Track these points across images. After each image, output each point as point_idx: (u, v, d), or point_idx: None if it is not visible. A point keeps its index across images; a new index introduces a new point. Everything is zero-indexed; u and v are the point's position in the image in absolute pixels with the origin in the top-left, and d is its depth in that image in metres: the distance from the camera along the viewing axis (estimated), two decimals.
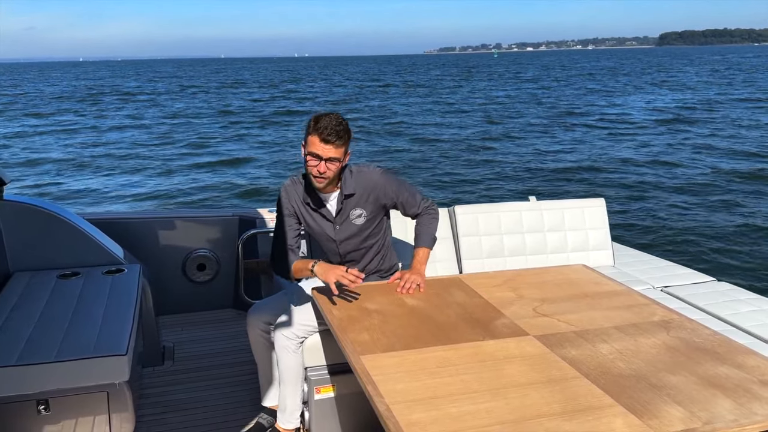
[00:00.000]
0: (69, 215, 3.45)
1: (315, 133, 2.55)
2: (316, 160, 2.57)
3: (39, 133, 24.16)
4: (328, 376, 2.72)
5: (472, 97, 38.27)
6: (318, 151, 2.55)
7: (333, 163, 2.58)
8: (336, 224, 2.77)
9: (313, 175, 2.61)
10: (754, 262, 8.06)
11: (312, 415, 2.73)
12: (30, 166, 16.73)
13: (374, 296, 2.56)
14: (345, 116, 2.71)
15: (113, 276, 3.20)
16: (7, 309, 2.75)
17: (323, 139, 2.53)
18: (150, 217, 4.19)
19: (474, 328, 2.24)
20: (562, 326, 2.27)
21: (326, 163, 2.56)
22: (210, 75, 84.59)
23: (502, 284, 2.73)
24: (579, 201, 3.90)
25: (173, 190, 13.61)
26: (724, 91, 37.20)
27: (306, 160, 2.60)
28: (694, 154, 16.34)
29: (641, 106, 29.57)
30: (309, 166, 2.59)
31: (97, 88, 55.23)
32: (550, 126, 23.40)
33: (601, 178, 13.71)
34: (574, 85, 47.70)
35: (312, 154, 2.57)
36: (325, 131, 2.53)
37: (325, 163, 2.57)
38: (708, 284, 3.57)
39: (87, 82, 67.75)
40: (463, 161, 16.41)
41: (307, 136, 2.59)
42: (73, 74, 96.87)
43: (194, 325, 4.07)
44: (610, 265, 3.82)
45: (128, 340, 2.44)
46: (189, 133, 23.56)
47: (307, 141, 2.59)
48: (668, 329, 2.26)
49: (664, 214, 10.44)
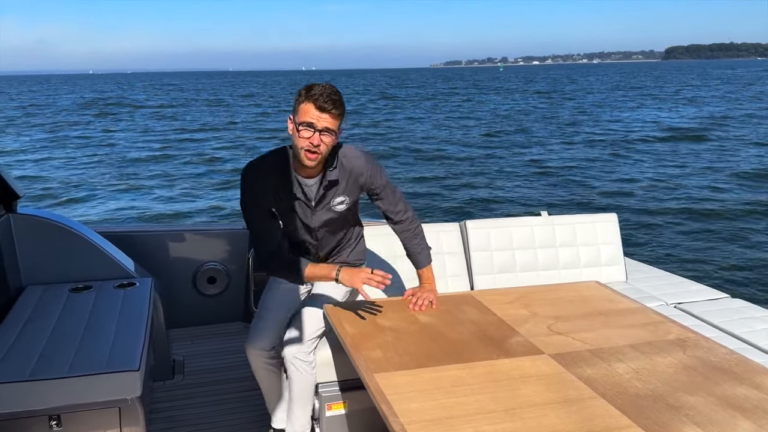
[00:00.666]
0: (81, 228, 3.46)
1: (309, 100, 2.29)
2: (309, 131, 2.29)
3: (51, 146, 24.37)
4: (340, 392, 2.70)
5: (480, 110, 38.35)
6: (312, 119, 2.29)
7: (328, 135, 2.32)
8: (315, 211, 2.53)
9: (305, 149, 2.32)
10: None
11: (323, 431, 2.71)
12: (43, 180, 16.85)
13: (387, 313, 2.55)
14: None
15: (125, 289, 3.20)
16: (20, 323, 2.76)
17: (319, 107, 2.28)
18: (161, 230, 4.20)
19: (488, 346, 2.23)
20: (577, 345, 2.25)
21: (320, 134, 2.30)
22: (222, 87, 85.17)
23: (515, 301, 2.72)
24: (591, 216, 3.88)
25: (182, 205, 13.68)
26: (740, 106, 37.02)
27: (297, 132, 2.32)
28: (707, 169, 16.25)
29: (654, 121, 29.50)
30: (301, 138, 2.31)
31: (109, 99, 55.71)
32: (560, 140, 23.37)
33: (613, 192, 13.66)
34: (588, 99, 47.68)
35: (305, 124, 2.29)
36: (321, 98, 2.28)
37: (320, 135, 2.30)
38: (722, 301, 3.54)
39: (97, 94, 68.34)
40: (473, 175, 16.40)
41: (298, 105, 2.33)
42: (83, 86, 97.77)
43: (204, 339, 4.07)
44: (623, 280, 3.79)
45: (140, 355, 2.43)
46: (197, 147, 23.69)
47: (299, 110, 2.32)
48: (684, 348, 2.24)
49: (676, 229, 10.38)
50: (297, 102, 2.35)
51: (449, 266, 3.51)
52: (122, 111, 42.44)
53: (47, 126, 32.50)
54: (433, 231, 3.52)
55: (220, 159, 20.42)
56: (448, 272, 3.51)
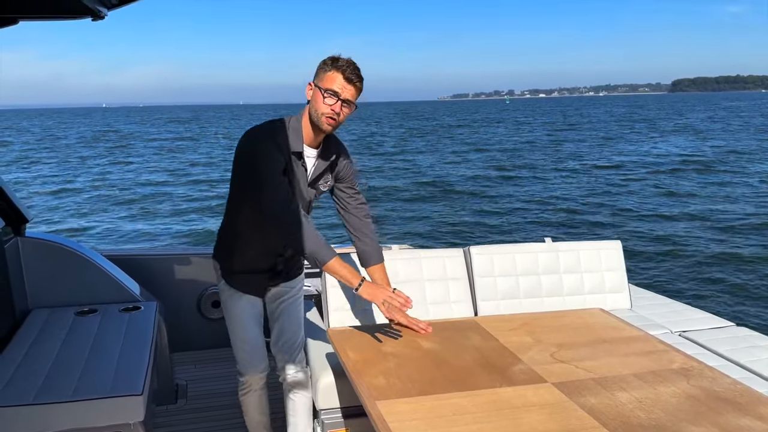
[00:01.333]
0: (88, 252, 3.49)
1: (337, 70, 2.34)
2: (333, 99, 2.34)
3: (62, 173, 24.58)
4: (342, 419, 2.69)
5: (488, 142, 38.49)
6: (338, 89, 2.34)
7: (348, 106, 2.38)
8: (309, 183, 2.54)
9: (325, 116, 2.36)
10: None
11: None
12: (51, 205, 16.95)
13: (390, 338, 2.55)
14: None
15: (130, 313, 3.22)
16: (25, 346, 2.77)
17: (346, 78, 2.34)
18: (165, 254, 4.22)
19: (490, 373, 2.22)
20: (581, 373, 2.24)
21: (342, 104, 2.35)
22: (230, 121, 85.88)
23: (518, 328, 2.71)
24: (595, 243, 3.88)
25: (188, 230, 13.73)
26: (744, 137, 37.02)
27: (322, 98, 2.35)
28: (711, 198, 16.23)
29: (658, 151, 29.54)
30: (324, 104, 2.34)
31: (120, 132, 56.21)
32: (564, 169, 23.42)
33: (617, 220, 13.64)
34: (594, 131, 47.83)
35: (331, 92, 2.33)
36: (348, 69, 2.34)
37: (341, 105, 2.35)
38: (727, 329, 3.52)
39: (108, 127, 68.97)
40: (478, 201, 16.42)
41: (324, 73, 2.36)
42: (95, 119, 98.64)
43: (207, 363, 4.07)
44: (628, 308, 3.78)
45: (144, 379, 2.44)
46: (203, 173, 23.84)
47: (324, 77, 2.35)
48: (688, 377, 2.23)
49: (680, 256, 10.34)
50: (322, 70, 2.38)
51: (453, 292, 3.51)
52: (132, 143, 42.84)
53: (58, 156, 32.82)
54: (437, 256, 3.53)
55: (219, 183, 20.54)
56: (452, 298, 3.52)
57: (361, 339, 2.53)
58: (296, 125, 2.45)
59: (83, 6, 2.23)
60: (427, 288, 3.45)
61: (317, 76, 2.40)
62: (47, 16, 2.59)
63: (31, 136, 52.80)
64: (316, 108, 2.37)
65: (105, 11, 2.44)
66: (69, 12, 2.43)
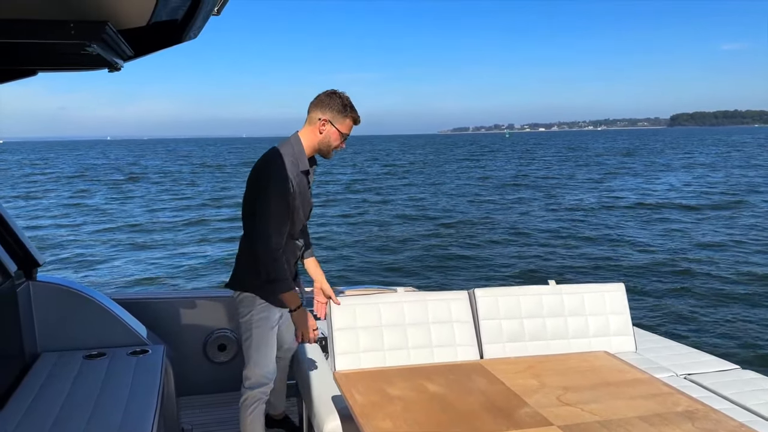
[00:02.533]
0: (97, 295, 3.53)
1: (353, 119, 2.93)
2: (343, 140, 2.95)
3: (67, 212, 24.78)
4: None
5: (486, 177, 38.77)
6: (348, 132, 2.95)
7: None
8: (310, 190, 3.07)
9: (335, 149, 2.96)
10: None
11: None
12: (59, 247, 17.06)
13: (396, 382, 2.57)
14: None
15: (138, 357, 3.24)
16: (34, 390, 2.79)
17: (356, 123, 2.95)
18: (173, 297, 4.25)
19: (496, 417, 2.24)
20: (586, 416, 2.25)
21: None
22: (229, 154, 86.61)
23: (524, 371, 2.73)
24: (599, 285, 3.91)
25: (193, 267, 13.78)
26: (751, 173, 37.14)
27: (336, 138, 2.92)
28: (715, 238, 16.23)
29: (664, 189, 29.69)
30: (337, 143, 2.93)
31: (128, 167, 56.79)
32: (564, 207, 23.50)
33: (620, 262, 13.63)
34: (597, 167, 48.08)
35: (345, 135, 2.94)
36: (358, 117, 2.95)
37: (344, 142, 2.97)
38: (732, 372, 3.52)
39: (112, 161, 69.61)
40: (482, 242, 16.46)
41: (343, 119, 2.91)
42: (99, 152, 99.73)
43: (213, 407, 4.06)
44: (633, 350, 3.79)
45: (152, 425, 2.45)
46: (209, 213, 24.01)
47: (343, 122, 2.91)
48: (693, 420, 2.24)
49: (685, 299, 10.32)
50: (341, 114, 2.91)
51: (458, 334, 3.53)
52: (138, 177, 43.25)
53: (63, 192, 33.12)
54: (442, 299, 3.56)
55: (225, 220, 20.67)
56: (457, 340, 3.53)
57: (367, 382, 2.55)
58: (299, 148, 2.92)
59: (101, 59, 2.33)
60: (432, 330, 3.48)
61: (335, 118, 2.90)
62: (65, 68, 2.69)
63: (38, 169, 53.18)
64: (329, 143, 2.94)
65: (121, 63, 2.54)
66: (88, 64, 2.53)
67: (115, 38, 2.02)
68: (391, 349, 3.38)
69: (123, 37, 2.14)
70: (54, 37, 1.85)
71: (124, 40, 2.15)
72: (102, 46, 2.04)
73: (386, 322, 3.43)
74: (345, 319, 3.35)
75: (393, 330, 3.43)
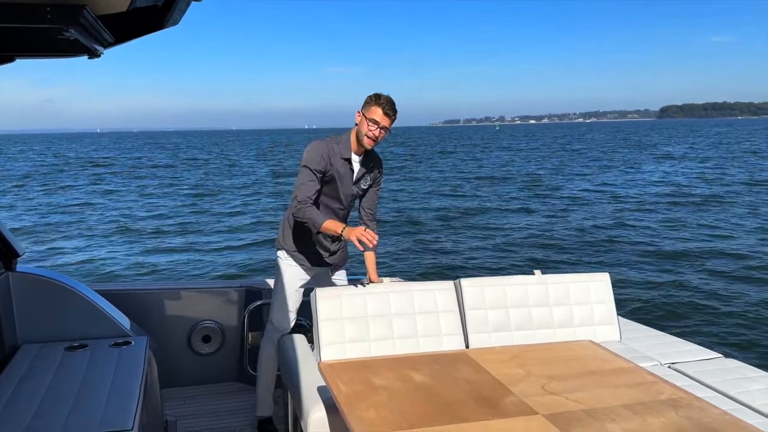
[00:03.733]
0: (79, 287, 3.48)
1: (378, 105, 3.27)
2: (374, 126, 3.27)
3: (52, 203, 24.52)
4: None
5: (473, 168, 38.84)
6: (378, 118, 3.26)
7: (384, 131, 3.30)
8: (354, 183, 3.47)
9: (368, 137, 3.29)
10: (762, 338, 7.97)
11: None
12: (41, 237, 16.87)
13: (381, 371, 2.56)
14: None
15: (120, 348, 3.20)
16: (14, 382, 2.75)
17: (385, 112, 3.26)
18: (157, 288, 4.21)
19: (482, 406, 2.24)
20: (571, 405, 2.26)
21: (380, 129, 3.28)
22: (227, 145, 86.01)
23: (509, 360, 2.73)
24: (583, 275, 3.92)
25: (180, 262, 13.69)
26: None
27: (364, 125, 3.28)
28: (701, 227, 16.36)
29: (646, 179, 29.88)
30: (367, 129, 3.28)
31: (114, 159, 56.15)
32: (550, 199, 23.60)
33: (605, 252, 13.71)
34: (579, 159, 48.26)
35: (372, 120, 3.27)
36: (386, 105, 3.27)
37: (379, 129, 3.28)
38: (716, 361, 3.55)
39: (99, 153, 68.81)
40: (465, 233, 16.49)
41: (370, 107, 3.28)
42: (87, 144, 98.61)
43: (197, 399, 4.03)
44: (617, 340, 3.80)
45: (134, 416, 2.42)
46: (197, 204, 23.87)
47: (369, 109, 3.28)
48: (677, 408, 2.25)
49: (669, 289, 10.40)
50: (368, 103, 3.31)
51: (444, 324, 3.52)
52: (125, 169, 42.88)
53: (48, 183, 32.77)
54: (428, 289, 3.55)
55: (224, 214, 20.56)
56: (443, 330, 3.53)
57: (352, 372, 2.53)
58: (347, 139, 3.41)
59: (81, 45, 2.28)
60: (418, 321, 3.47)
61: (364, 107, 3.32)
62: (45, 54, 2.64)
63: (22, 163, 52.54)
64: (361, 130, 3.32)
65: (101, 49, 2.49)
66: (67, 50, 2.48)
67: (93, 23, 1.98)
68: (377, 340, 3.37)
69: (102, 23, 2.10)
70: (29, 21, 1.80)
71: (103, 26, 2.10)
72: (80, 31, 2.00)
73: (372, 312, 3.41)
74: (330, 309, 3.33)
75: (378, 320, 3.42)
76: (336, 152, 3.37)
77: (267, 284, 4.33)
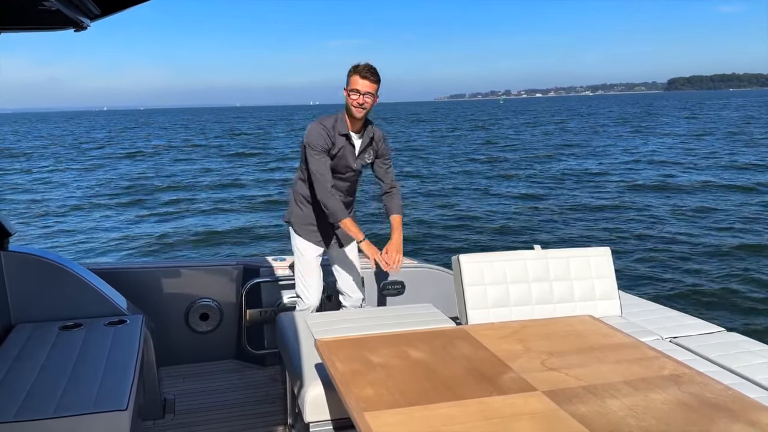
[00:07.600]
0: (72, 266, 3.44)
1: (355, 73, 3.32)
2: (356, 94, 3.32)
3: (44, 182, 24.45)
4: (333, 431, 2.66)
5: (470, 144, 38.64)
6: (358, 86, 3.32)
7: (369, 96, 3.34)
8: (357, 158, 3.56)
9: (354, 107, 3.34)
10: (764, 311, 7.95)
11: None
12: (34, 216, 16.83)
13: (378, 349, 2.52)
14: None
15: (115, 327, 3.17)
16: (8, 362, 2.72)
17: (362, 77, 3.31)
18: (153, 266, 4.17)
19: (480, 383, 2.20)
20: (571, 381, 2.22)
21: (363, 96, 3.32)
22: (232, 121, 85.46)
23: (508, 336, 2.69)
24: (584, 250, 3.87)
25: (177, 233, 13.67)
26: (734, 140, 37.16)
27: (348, 96, 3.35)
28: (702, 202, 16.28)
29: (649, 152, 29.70)
30: (351, 99, 3.34)
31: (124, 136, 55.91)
32: (550, 174, 23.49)
33: (607, 225, 13.66)
34: (581, 134, 48.00)
35: (353, 90, 3.33)
36: (363, 70, 3.31)
37: (363, 96, 3.31)
38: (718, 335, 3.51)
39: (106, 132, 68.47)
40: (465, 210, 16.43)
41: (349, 78, 3.34)
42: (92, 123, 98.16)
43: (196, 377, 4.01)
44: (618, 315, 3.77)
45: (129, 394, 2.39)
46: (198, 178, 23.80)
47: (349, 81, 3.35)
48: (679, 384, 2.21)
49: (671, 263, 10.36)
50: (348, 76, 3.36)
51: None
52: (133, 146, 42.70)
53: (49, 162, 32.67)
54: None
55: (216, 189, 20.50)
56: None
57: (349, 350, 2.50)
58: (342, 117, 3.48)
59: (65, 17, 2.21)
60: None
61: (347, 80, 3.38)
62: (29, 27, 2.56)
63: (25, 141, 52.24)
64: (348, 103, 3.38)
65: (87, 22, 2.42)
66: (51, 23, 2.41)
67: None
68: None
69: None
70: None
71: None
72: (63, 2, 1.92)
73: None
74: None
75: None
76: (334, 130, 3.44)
77: (265, 262, 4.29)
